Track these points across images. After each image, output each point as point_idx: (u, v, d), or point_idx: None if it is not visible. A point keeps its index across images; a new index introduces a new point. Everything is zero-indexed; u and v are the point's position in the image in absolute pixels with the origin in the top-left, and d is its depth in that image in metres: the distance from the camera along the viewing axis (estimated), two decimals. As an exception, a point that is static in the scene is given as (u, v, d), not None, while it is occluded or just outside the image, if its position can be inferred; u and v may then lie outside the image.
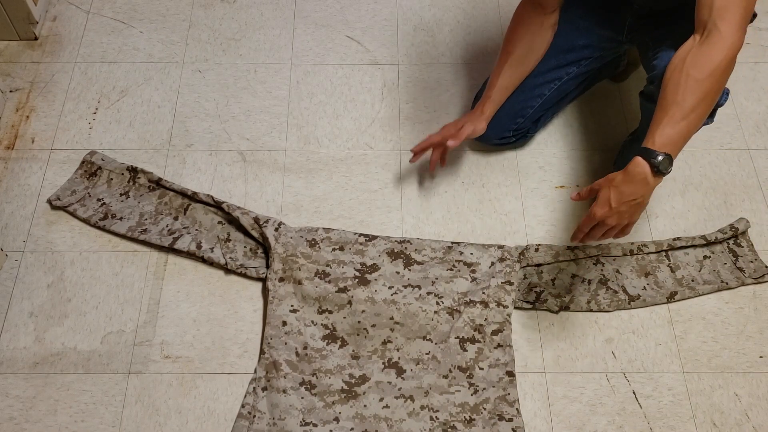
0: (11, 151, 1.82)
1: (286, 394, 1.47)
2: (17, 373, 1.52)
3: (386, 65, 2.00)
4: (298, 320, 1.55)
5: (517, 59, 1.61)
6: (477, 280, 1.60)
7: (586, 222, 1.32)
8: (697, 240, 1.68)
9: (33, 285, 1.63)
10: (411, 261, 1.63)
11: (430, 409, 1.47)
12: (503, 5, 2.12)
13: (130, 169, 1.76)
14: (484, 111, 1.64)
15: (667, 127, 1.24)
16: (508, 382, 1.50)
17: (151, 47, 2.02)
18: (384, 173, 1.82)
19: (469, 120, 1.63)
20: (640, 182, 1.27)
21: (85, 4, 2.09)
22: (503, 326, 1.55)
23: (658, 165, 1.25)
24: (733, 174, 1.82)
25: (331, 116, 1.91)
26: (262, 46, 2.03)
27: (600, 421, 1.50)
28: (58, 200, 1.72)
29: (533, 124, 1.78)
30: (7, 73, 1.95)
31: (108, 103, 1.91)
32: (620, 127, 1.89)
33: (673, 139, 1.24)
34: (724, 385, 1.54)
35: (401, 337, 1.54)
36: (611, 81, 1.95)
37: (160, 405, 1.50)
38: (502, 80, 1.63)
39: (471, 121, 1.62)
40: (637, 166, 1.27)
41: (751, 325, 1.62)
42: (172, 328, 1.58)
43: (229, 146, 1.85)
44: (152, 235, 1.67)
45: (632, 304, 1.62)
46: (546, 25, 1.59)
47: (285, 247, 1.62)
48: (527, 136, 1.80)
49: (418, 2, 2.13)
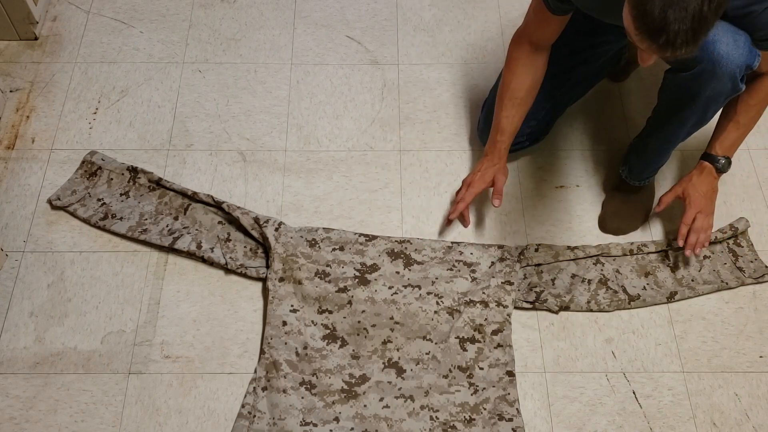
0: (11, 151, 1.82)
1: (286, 394, 1.47)
2: (17, 373, 1.52)
3: (386, 65, 2.00)
4: (298, 320, 1.55)
5: (522, 100, 1.61)
6: (477, 280, 1.60)
7: (689, 214, 1.59)
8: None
9: (33, 285, 1.63)
10: (411, 261, 1.63)
11: (430, 409, 1.47)
12: (503, 5, 2.12)
13: (131, 169, 1.76)
14: (501, 158, 1.65)
15: (726, 140, 1.57)
16: (508, 381, 1.50)
17: (151, 47, 2.02)
18: (384, 173, 1.82)
19: (496, 172, 1.64)
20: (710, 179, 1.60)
21: (85, 4, 2.09)
22: (503, 326, 1.55)
23: (721, 167, 1.59)
24: (733, 174, 1.82)
25: (331, 116, 1.91)
26: (262, 46, 2.03)
27: (600, 421, 1.50)
28: (59, 200, 1.72)
29: (546, 126, 1.78)
30: (7, 73, 1.95)
31: (108, 103, 1.91)
32: (620, 127, 1.89)
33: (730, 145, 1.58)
34: (724, 385, 1.54)
35: (401, 337, 1.54)
36: (611, 81, 1.95)
37: (161, 405, 1.50)
38: (513, 123, 1.63)
39: (500, 173, 1.64)
40: (705, 167, 1.59)
41: (751, 325, 1.62)
42: (172, 328, 1.58)
43: (229, 146, 1.85)
44: (152, 235, 1.67)
45: (632, 304, 1.62)
46: (543, 61, 1.61)
47: (285, 247, 1.62)
48: (540, 139, 1.80)
49: (418, 2, 2.13)
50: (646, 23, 1.14)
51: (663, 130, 1.60)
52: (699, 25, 1.12)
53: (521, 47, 1.59)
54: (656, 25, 1.13)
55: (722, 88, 1.43)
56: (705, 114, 1.51)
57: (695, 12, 1.10)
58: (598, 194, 1.80)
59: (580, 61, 1.69)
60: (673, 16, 1.11)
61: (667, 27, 1.12)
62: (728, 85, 1.43)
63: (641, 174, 1.71)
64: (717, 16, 1.13)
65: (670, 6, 1.10)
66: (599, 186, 1.81)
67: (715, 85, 1.42)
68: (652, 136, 1.64)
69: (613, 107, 1.93)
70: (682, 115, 1.52)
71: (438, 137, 1.88)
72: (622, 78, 1.96)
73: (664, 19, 1.12)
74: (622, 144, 1.82)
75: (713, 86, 1.42)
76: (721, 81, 1.41)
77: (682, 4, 1.10)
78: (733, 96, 1.47)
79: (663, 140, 1.62)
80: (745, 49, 1.39)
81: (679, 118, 1.53)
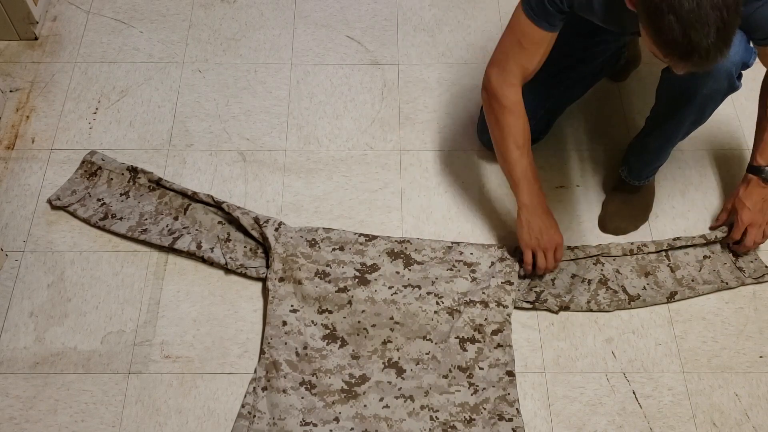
0: (11, 151, 1.82)
1: (286, 394, 1.47)
2: (17, 373, 1.52)
3: (386, 65, 2.00)
4: (298, 320, 1.55)
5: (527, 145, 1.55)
6: (477, 280, 1.60)
7: (737, 230, 1.62)
8: (697, 239, 1.68)
9: (33, 285, 1.63)
10: (411, 261, 1.63)
11: (430, 409, 1.47)
12: (503, 5, 2.12)
13: (131, 169, 1.76)
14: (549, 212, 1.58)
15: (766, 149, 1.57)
16: (508, 382, 1.50)
17: (151, 47, 2.02)
18: (384, 173, 1.82)
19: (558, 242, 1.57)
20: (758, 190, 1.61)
21: (85, 4, 2.09)
22: (503, 326, 1.55)
23: (766, 176, 1.59)
24: (733, 174, 1.82)
25: (331, 116, 1.91)
26: (262, 46, 2.03)
27: (600, 421, 1.50)
28: (59, 200, 1.72)
29: (545, 126, 1.78)
30: (7, 73, 1.95)
31: (108, 103, 1.91)
32: (620, 127, 1.89)
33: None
34: (724, 385, 1.54)
35: (401, 337, 1.54)
36: (611, 81, 1.95)
37: (160, 405, 1.50)
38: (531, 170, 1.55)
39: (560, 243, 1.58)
40: (750, 180, 1.61)
41: (751, 325, 1.62)
42: (172, 328, 1.58)
43: (229, 146, 1.85)
44: (152, 235, 1.67)
45: (632, 304, 1.62)
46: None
47: (285, 247, 1.62)
48: (539, 138, 1.80)
49: (418, 2, 2.13)
50: (673, 49, 1.13)
51: (661, 129, 1.60)
52: (726, 33, 1.10)
53: (515, 87, 1.51)
54: (684, 48, 1.11)
55: (719, 86, 1.43)
56: (703, 112, 1.51)
57: (718, 23, 1.08)
58: (598, 194, 1.80)
59: (578, 61, 1.69)
60: (696, 37, 1.09)
61: (696, 47, 1.10)
62: (725, 84, 1.43)
63: (641, 174, 1.71)
64: (738, 15, 1.11)
65: (691, 27, 1.08)
66: (599, 186, 1.81)
67: (712, 84, 1.42)
68: (651, 136, 1.64)
69: (613, 107, 1.93)
70: (679, 114, 1.52)
71: (438, 137, 1.88)
72: (622, 78, 1.96)
73: (689, 42, 1.10)
74: (622, 144, 1.82)
75: (710, 85, 1.42)
76: (717, 79, 1.41)
77: (701, 20, 1.08)
78: (730, 94, 1.47)
79: (662, 139, 1.62)
80: (741, 47, 1.39)
81: (677, 116, 1.53)
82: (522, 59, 1.49)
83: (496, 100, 1.52)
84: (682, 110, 1.51)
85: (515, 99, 1.52)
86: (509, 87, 1.51)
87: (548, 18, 1.43)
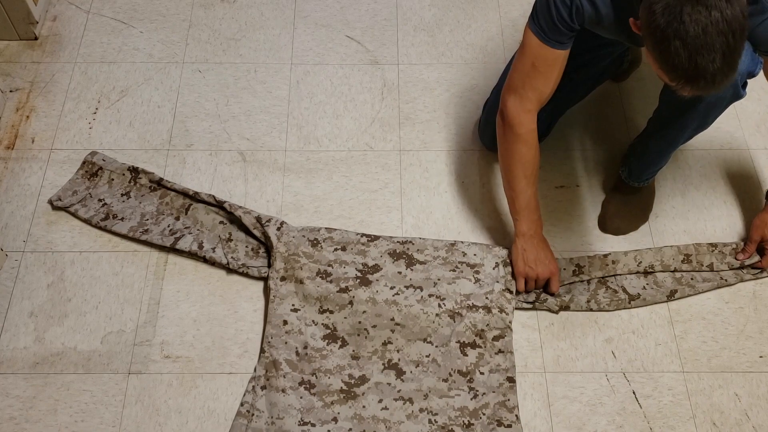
0: (11, 151, 1.82)
1: (285, 393, 1.47)
2: (17, 373, 1.52)
3: (386, 65, 2.00)
4: (299, 320, 1.55)
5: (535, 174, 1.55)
6: (481, 282, 1.60)
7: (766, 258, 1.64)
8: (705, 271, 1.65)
9: (33, 285, 1.63)
10: (413, 261, 1.63)
11: (429, 412, 1.47)
12: (503, 5, 2.12)
13: (131, 169, 1.76)
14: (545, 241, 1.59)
15: None
16: (508, 387, 1.50)
17: (151, 47, 2.02)
18: (384, 173, 1.82)
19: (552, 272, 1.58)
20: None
21: (85, 4, 2.09)
22: (505, 332, 1.55)
23: None
24: (733, 174, 1.82)
25: (331, 116, 1.91)
26: (262, 46, 2.03)
27: (600, 421, 1.50)
28: (60, 201, 1.72)
29: (546, 127, 1.78)
30: (7, 73, 1.95)
31: (108, 103, 1.91)
32: (620, 127, 1.89)
33: None
34: (724, 385, 1.54)
35: (402, 339, 1.54)
36: (612, 81, 1.95)
37: (160, 405, 1.50)
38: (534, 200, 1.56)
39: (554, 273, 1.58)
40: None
41: (751, 325, 1.62)
42: (172, 328, 1.58)
43: (229, 146, 1.85)
44: (154, 235, 1.67)
45: (632, 303, 1.62)
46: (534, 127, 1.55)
47: (287, 246, 1.62)
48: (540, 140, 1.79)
49: (418, 2, 2.13)
50: (679, 74, 1.13)
51: (664, 133, 1.59)
52: (731, 58, 1.10)
53: (531, 114, 1.50)
54: (690, 74, 1.11)
55: (723, 94, 1.43)
56: (706, 119, 1.51)
57: (723, 48, 1.09)
58: (598, 194, 1.79)
59: (582, 64, 1.69)
60: (703, 62, 1.09)
61: (702, 72, 1.10)
62: (729, 92, 1.43)
63: (641, 175, 1.71)
64: (743, 39, 1.11)
65: (697, 53, 1.09)
66: (599, 186, 1.81)
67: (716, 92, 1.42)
68: (653, 139, 1.63)
69: (614, 108, 1.93)
70: (683, 120, 1.52)
71: (438, 137, 1.88)
72: (623, 78, 1.95)
73: (695, 68, 1.10)
74: (623, 144, 1.82)
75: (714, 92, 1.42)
76: None
77: (707, 46, 1.08)
78: (734, 102, 1.46)
79: (664, 143, 1.62)
80: (747, 57, 1.39)
81: (680, 122, 1.53)
82: (538, 83, 1.48)
83: (510, 128, 1.52)
84: (685, 116, 1.50)
85: (530, 127, 1.52)
86: (525, 114, 1.51)
87: (559, 37, 1.43)
